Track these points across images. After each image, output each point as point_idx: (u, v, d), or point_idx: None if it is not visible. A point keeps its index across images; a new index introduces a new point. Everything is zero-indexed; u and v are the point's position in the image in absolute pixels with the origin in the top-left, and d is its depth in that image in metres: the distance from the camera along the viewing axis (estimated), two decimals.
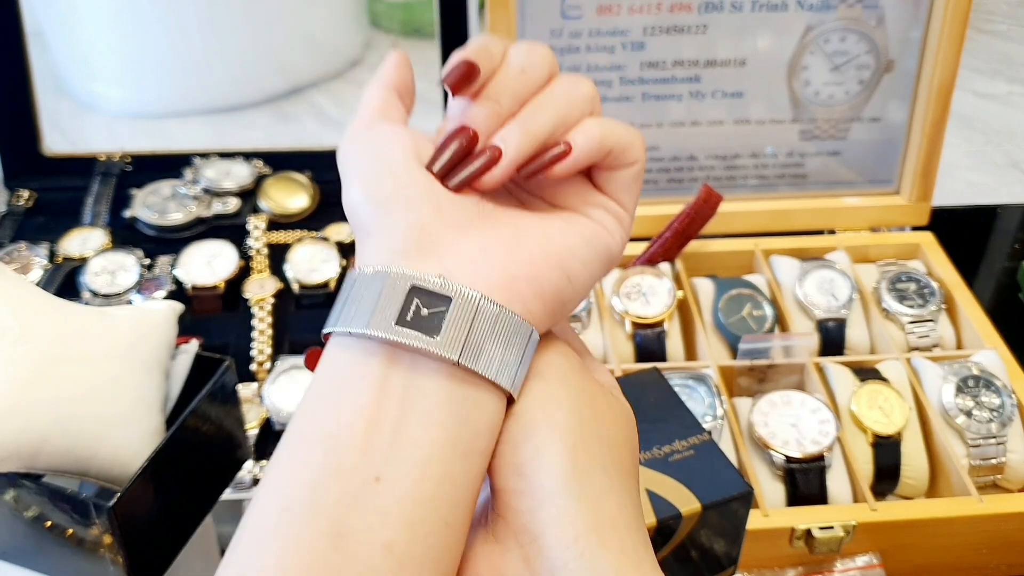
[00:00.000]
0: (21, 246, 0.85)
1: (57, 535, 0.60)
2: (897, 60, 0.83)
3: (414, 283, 0.33)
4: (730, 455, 0.66)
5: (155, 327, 0.65)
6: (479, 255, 0.34)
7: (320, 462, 0.31)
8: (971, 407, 0.70)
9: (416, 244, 0.34)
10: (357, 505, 0.30)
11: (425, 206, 0.34)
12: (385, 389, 0.32)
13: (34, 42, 0.93)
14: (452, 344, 0.32)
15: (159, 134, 1.56)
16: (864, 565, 0.64)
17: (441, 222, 0.34)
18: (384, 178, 0.35)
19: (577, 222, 0.37)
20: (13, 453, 0.57)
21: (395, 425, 0.32)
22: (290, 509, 0.31)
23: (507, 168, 0.35)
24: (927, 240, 0.85)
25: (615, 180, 0.38)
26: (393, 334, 0.32)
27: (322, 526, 0.30)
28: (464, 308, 0.33)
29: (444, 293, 0.33)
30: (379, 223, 0.34)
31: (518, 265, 0.34)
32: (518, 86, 0.36)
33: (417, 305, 0.32)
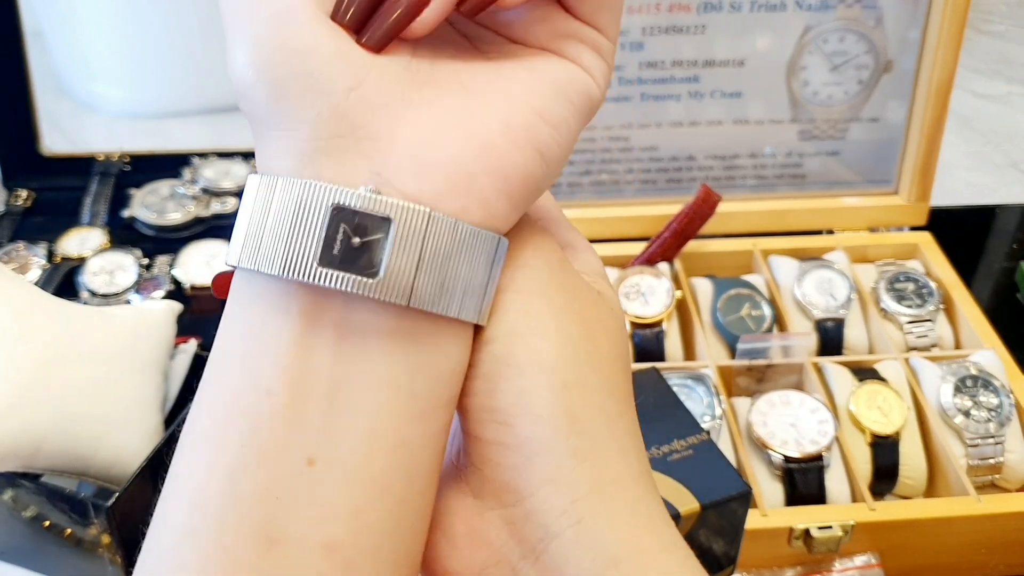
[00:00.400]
0: (19, 246, 0.85)
1: (55, 535, 0.60)
2: (896, 60, 0.83)
3: (338, 202, 0.24)
4: (729, 455, 0.66)
5: (154, 327, 0.65)
6: (421, 145, 0.25)
7: (237, 443, 0.24)
8: (969, 407, 0.70)
9: (334, 139, 0.25)
10: (288, 497, 0.24)
11: (339, 80, 0.25)
12: (313, 342, 0.25)
13: (33, 42, 0.93)
14: (397, 284, 0.24)
15: (158, 134, 1.56)
16: (862, 565, 0.64)
17: (363, 101, 0.25)
18: (280, 43, 0.25)
19: (546, 65, 0.27)
20: (12, 453, 0.57)
21: (330, 389, 0.25)
22: (205, 507, 0.24)
23: (441, 5, 0.26)
24: (925, 240, 0.85)
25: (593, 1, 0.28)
26: (317, 277, 0.24)
27: (246, 527, 0.24)
28: (409, 231, 0.24)
29: (380, 213, 0.24)
30: (280, 109, 0.25)
31: (475, 153, 0.25)
32: None
33: (345, 232, 0.24)
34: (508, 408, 0.27)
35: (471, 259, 0.26)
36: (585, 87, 0.28)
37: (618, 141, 0.85)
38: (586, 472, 0.26)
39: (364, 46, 0.26)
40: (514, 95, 0.27)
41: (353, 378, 0.25)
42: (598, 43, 0.28)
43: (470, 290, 0.26)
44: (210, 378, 0.26)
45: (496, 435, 0.27)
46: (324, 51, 0.25)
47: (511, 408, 0.27)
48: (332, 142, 0.25)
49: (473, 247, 0.26)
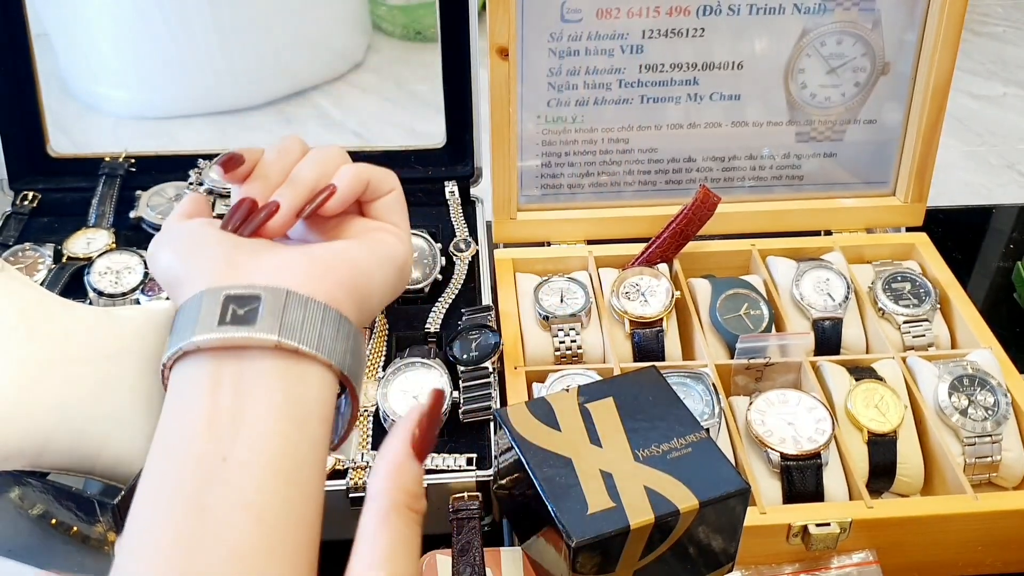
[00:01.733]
0: (26, 247, 0.85)
1: (62, 533, 0.60)
2: (893, 62, 0.83)
3: (227, 292, 0.40)
4: (727, 453, 0.67)
5: (160, 327, 0.65)
6: (278, 265, 0.42)
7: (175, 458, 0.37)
8: (966, 406, 0.70)
9: (222, 269, 0.41)
10: (212, 482, 0.36)
11: (223, 244, 0.43)
12: (218, 383, 0.39)
13: (40, 44, 0.93)
14: (269, 329, 0.39)
15: (164, 135, 1.57)
16: (860, 562, 0.65)
17: (240, 252, 0.42)
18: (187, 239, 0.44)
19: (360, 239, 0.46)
20: (18, 451, 0.57)
21: (232, 410, 0.38)
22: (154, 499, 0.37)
23: (286, 214, 0.45)
24: (922, 240, 0.86)
25: (381, 207, 0.48)
26: (217, 332, 0.39)
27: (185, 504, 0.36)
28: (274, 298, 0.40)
29: (253, 293, 0.40)
30: (188, 269, 0.42)
31: (314, 266, 0.42)
32: (279, 163, 0.47)
33: (233, 309, 0.39)
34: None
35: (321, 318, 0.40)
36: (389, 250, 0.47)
37: (618, 143, 0.85)
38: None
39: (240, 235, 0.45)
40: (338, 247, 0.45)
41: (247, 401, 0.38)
42: (393, 231, 0.48)
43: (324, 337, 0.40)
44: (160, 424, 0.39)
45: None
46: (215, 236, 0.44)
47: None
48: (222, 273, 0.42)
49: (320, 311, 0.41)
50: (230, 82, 1.67)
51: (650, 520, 0.47)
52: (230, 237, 0.44)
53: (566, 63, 0.81)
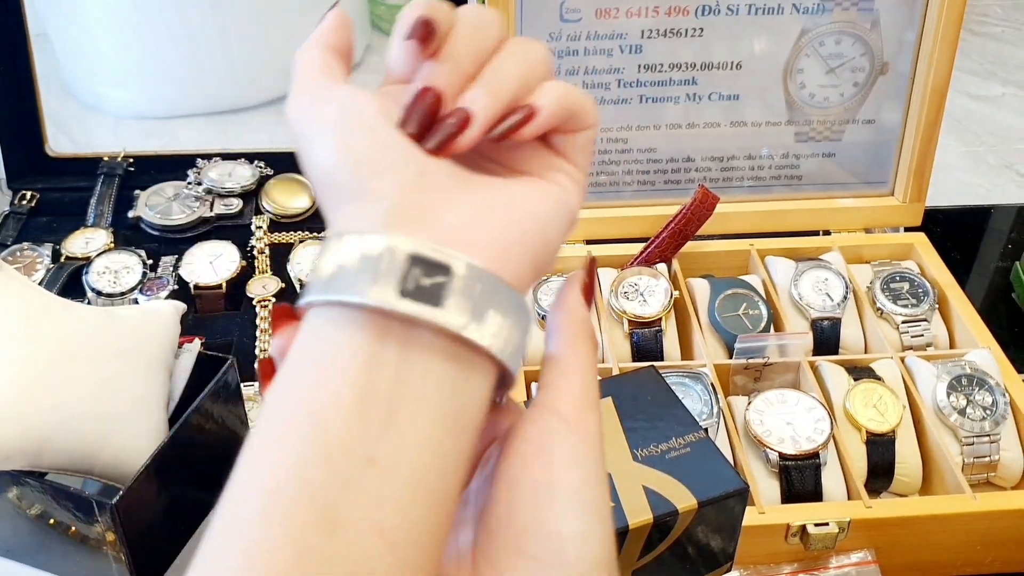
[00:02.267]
0: (25, 246, 0.85)
1: (61, 533, 0.60)
2: (891, 62, 0.83)
3: (413, 251, 0.31)
4: (726, 453, 0.67)
5: (158, 327, 0.65)
6: (469, 222, 0.32)
7: (307, 441, 0.29)
8: (964, 405, 0.70)
9: (405, 211, 0.32)
10: (349, 489, 0.28)
11: (409, 169, 0.32)
12: (378, 362, 0.30)
13: (39, 44, 0.93)
14: (458, 313, 0.30)
15: (163, 135, 1.57)
16: (858, 561, 0.65)
17: (426, 188, 0.32)
18: (362, 137, 0.33)
19: (543, 186, 0.36)
20: (18, 451, 0.57)
21: (389, 402, 0.30)
22: (276, 493, 0.28)
23: (479, 129, 0.34)
24: (920, 240, 0.85)
25: (572, 143, 0.37)
26: (396, 305, 0.30)
27: (312, 513, 0.28)
28: (467, 277, 0.31)
29: (444, 261, 0.31)
30: (360, 187, 0.32)
31: (508, 231, 0.33)
32: (474, 46, 0.35)
33: (417, 276, 0.30)
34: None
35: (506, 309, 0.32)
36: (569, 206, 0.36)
37: (617, 143, 0.85)
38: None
39: (427, 150, 0.33)
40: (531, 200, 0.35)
41: (408, 394, 0.30)
42: (576, 176, 0.37)
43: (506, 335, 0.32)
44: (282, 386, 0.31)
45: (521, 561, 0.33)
46: (398, 148, 0.33)
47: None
48: (404, 212, 0.32)
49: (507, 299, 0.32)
50: (230, 82, 1.67)
51: (649, 520, 0.47)
52: (412, 152, 0.33)
53: (565, 63, 0.81)
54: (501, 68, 0.35)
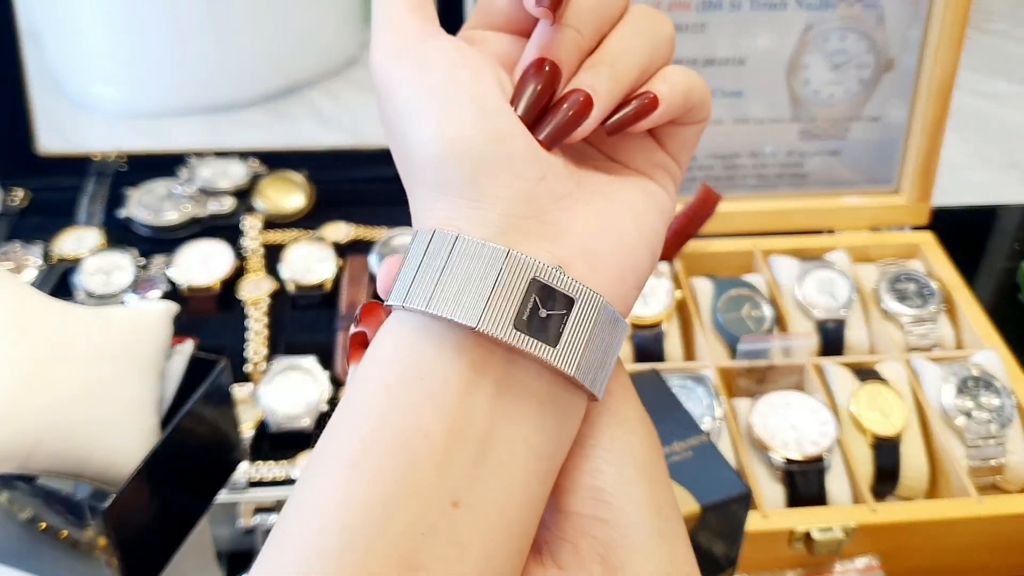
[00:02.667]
0: (16, 246, 0.85)
1: (51, 537, 0.60)
2: (897, 59, 0.83)
3: (536, 275, 0.27)
4: (729, 456, 0.66)
5: (150, 328, 0.64)
6: (590, 239, 0.29)
7: (394, 475, 0.26)
8: (971, 408, 0.69)
9: (523, 219, 0.28)
10: (433, 534, 0.26)
11: (530, 169, 0.28)
12: (474, 394, 0.27)
13: (29, 41, 0.92)
14: (570, 356, 0.27)
15: (155, 133, 1.56)
16: (863, 567, 0.64)
17: (547, 192, 0.28)
18: (477, 124, 0.28)
19: (648, 187, 0.32)
20: (7, 454, 0.57)
21: (482, 439, 0.27)
22: (355, 532, 0.26)
23: (600, 116, 0.30)
24: (927, 240, 0.85)
25: (681, 137, 0.32)
26: (511, 337, 0.26)
27: (392, 557, 0.25)
28: (586, 313, 0.27)
29: (567, 292, 0.27)
30: (472, 184, 0.28)
31: (624, 252, 0.29)
32: (600, 12, 0.30)
33: (535, 304, 0.27)
34: (611, 489, 0.29)
35: (613, 343, 0.29)
36: (667, 209, 0.32)
37: None
38: (667, 551, 0.30)
39: (542, 142, 0.29)
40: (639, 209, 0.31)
41: (502, 433, 0.27)
42: (676, 173, 0.33)
43: (605, 370, 0.29)
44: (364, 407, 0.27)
45: (597, 511, 0.29)
46: (521, 140, 0.28)
47: (614, 490, 0.29)
48: (521, 222, 0.28)
49: (617, 331, 0.29)
50: (223, 79, 1.67)
51: None
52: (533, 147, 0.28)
53: None
54: (627, 45, 0.30)
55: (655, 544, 0.29)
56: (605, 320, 0.28)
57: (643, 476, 0.30)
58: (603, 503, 0.29)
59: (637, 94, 0.30)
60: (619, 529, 0.29)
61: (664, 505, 0.30)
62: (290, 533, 0.26)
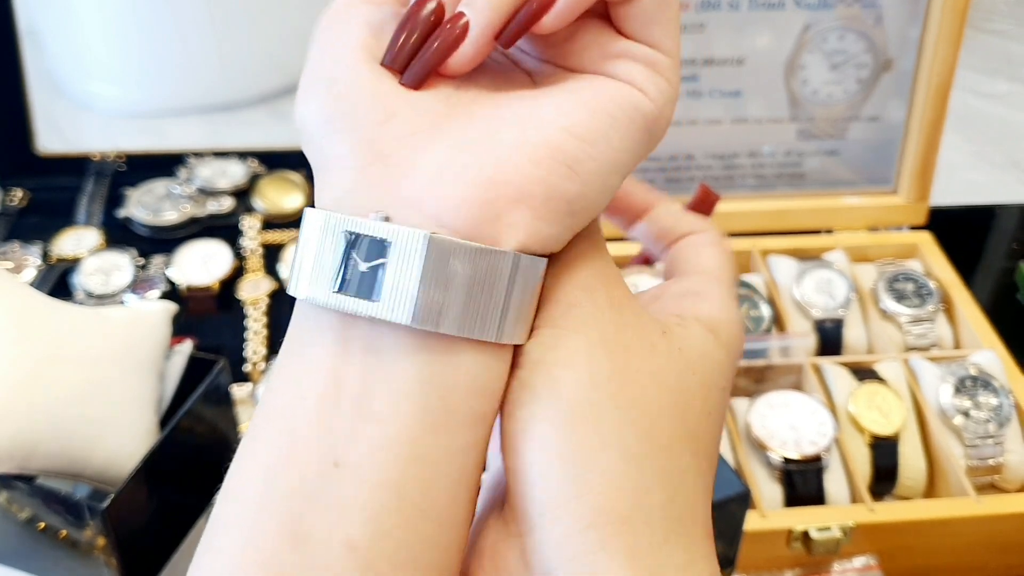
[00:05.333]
0: (14, 246, 0.85)
1: (50, 537, 0.60)
2: (895, 59, 0.83)
3: (349, 228, 0.26)
4: (727, 456, 0.66)
5: (149, 328, 0.64)
6: (439, 167, 0.26)
7: (274, 444, 0.26)
8: (969, 407, 0.69)
9: (366, 169, 0.26)
10: (315, 497, 0.25)
11: (371, 114, 0.27)
12: (343, 356, 0.26)
13: (29, 41, 0.92)
14: (398, 305, 0.25)
15: (154, 133, 1.56)
16: (862, 567, 0.64)
17: (393, 134, 0.27)
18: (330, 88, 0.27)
19: (587, 86, 0.28)
20: (7, 455, 0.57)
21: (355, 399, 0.26)
22: (243, 501, 0.26)
23: (477, 42, 0.27)
24: (925, 240, 0.85)
25: (634, 12, 0.28)
26: (332, 301, 0.26)
27: (277, 523, 0.25)
28: (406, 254, 0.25)
29: (380, 236, 0.26)
30: (327, 146, 0.27)
31: (491, 169, 0.26)
32: None
33: (354, 263, 0.26)
34: (517, 433, 0.27)
35: (480, 278, 0.26)
36: (630, 101, 0.28)
37: None
38: (586, 506, 0.26)
39: (403, 84, 0.28)
40: (542, 116, 0.27)
41: (375, 389, 0.26)
42: (651, 58, 0.28)
43: (482, 309, 0.26)
44: (268, 383, 0.29)
45: (509, 460, 0.27)
46: (361, 90, 0.27)
47: (520, 434, 0.27)
48: (366, 172, 0.27)
49: (480, 265, 0.26)
50: (222, 78, 1.67)
51: None
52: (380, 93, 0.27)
53: None
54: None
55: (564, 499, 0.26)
56: (444, 253, 0.25)
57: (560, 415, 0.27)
58: (511, 450, 0.27)
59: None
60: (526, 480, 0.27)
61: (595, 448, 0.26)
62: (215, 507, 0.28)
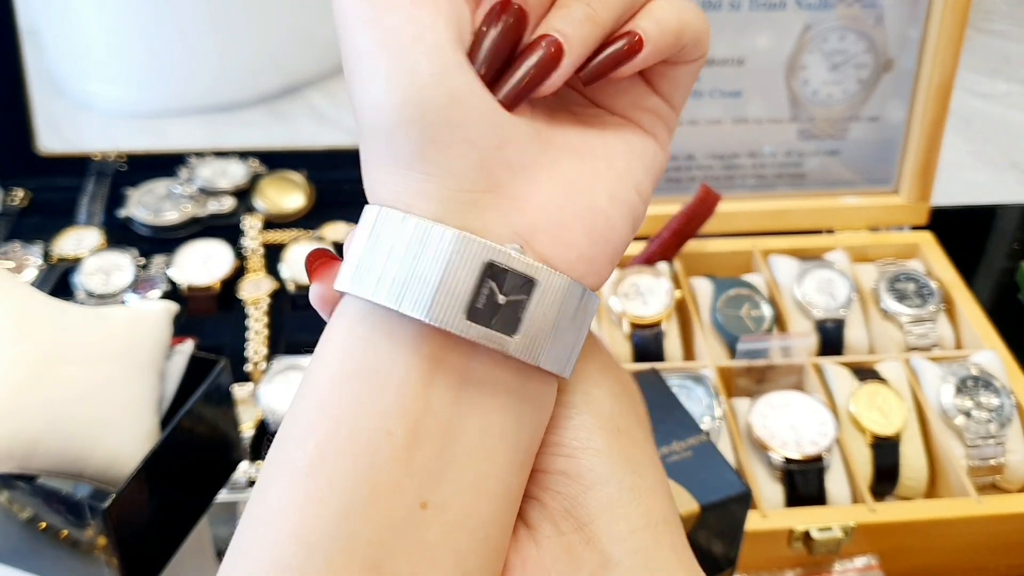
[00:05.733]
0: (15, 246, 0.85)
1: (51, 537, 0.60)
2: (896, 59, 0.83)
3: (491, 258, 0.24)
4: (728, 456, 0.66)
5: (150, 328, 0.64)
6: (554, 210, 0.26)
7: (353, 480, 0.24)
8: (970, 407, 0.69)
9: (478, 193, 0.25)
10: (399, 537, 0.24)
11: (488, 137, 0.25)
12: (436, 387, 0.25)
13: (29, 41, 0.92)
14: (532, 345, 0.25)
15: (155, 133, 1.56)
16: (863, 567, 0.64)
17: (506, 161, 0.25)
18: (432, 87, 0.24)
19: (632, 136, 0.28)
20: (8, 454, 0.57)
21: (446, 434, 0.25)
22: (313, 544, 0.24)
23: (570, 68, 0.26)
24: (926, 240, 0.85)
25: (675, 77, 0.29)
26: (464, 329, 0.24)
27: (358, 566, 0.24)
28: (549, 297, 0.25)
29: (527, 274, 0.25)
30: (427, 154, 0.25)
31: (595, 222, 0.26)
32: None
33: (491, 288, 0.24)
34: (571, 442, 0.28)
35: (580, 323, 0.27)
36: (658, 160, 0.29)
37: None
38: (642, 507, 0.28)
39: (500, 103, 0.26)
40: (617, 166, 0.28)
41: (468, 426, 0.25)
42: (669, 117, 0.30)
43: (574, 351, 0.27)
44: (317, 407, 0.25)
45: (560, 465, 0.28)
46: (476, 105, 0.25)
47: (574, 442, 0.28)
48: (476, 196, 0.25)
49: (585, 311, 0.27)
50: (223, 79, 1.67)
51: None
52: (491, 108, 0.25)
53: None
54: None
55: (626, 500, 0.27)
56: (572, 299, 0.26)
57: (606, 427, 0.28)
58: (562, 457, 0.28)
59: (618, 34, 0.27)
60: (582, 482, 0.27)
61: (638, 459, 0.28)
62: (245, 552, 0.25)
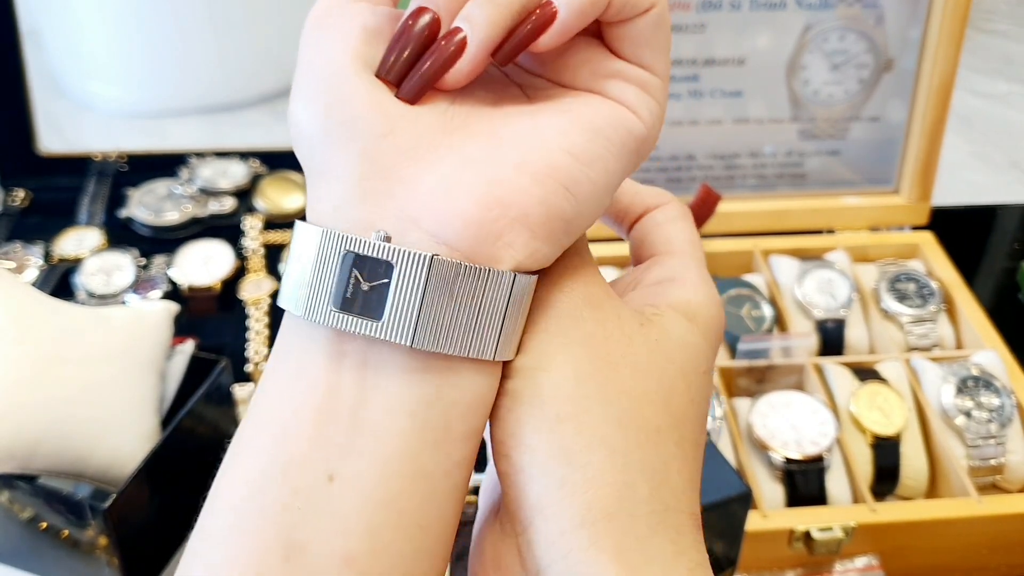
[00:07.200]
0: (16, 246, 0.85)
1: (52, 536, 0.60)
2: (896, 59, 0.83)
3: (350, 249, 0.26)
4: (729, 456, 0.66)
5: (151, 328, 0.64)
6: (439, 186, 0.26)
7: (268, 455, 0.26)
8: (970, 407, 0.69)
9: (365, 182, 0.26)
10: (310, 509, 0.26)
11: (373, 127, 0.27)
12: (338, 371, 0.27)
13: (30, 41, 0.92)
14: (400, 326, 0.26)
15: (156, 133, 1.56)
16: (863, 567, 0.64)
17: (393, 147, 0.27)
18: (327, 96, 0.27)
19: (583, 105, 0.28)
20: (8, 454, 0.57)
21: (352, 412, 0.26)
22: (237, 511, 0.26)
23: (475, 58, 0.27)
24: (927, 240, 0.85)
25: (632, 35, 0.28)
26: (332, 320, 0.26)
27: (271, 536, 0.26)
28: (410, 276, 0.26)
29: (383, 257, 0.26)
30: (324, 156, 0.27)
31: (492, 190, 0.26)
32: None
33: (357, 278, 0.26)
34: (505, 439, 0.28)
35: (478, 300, 0.27)
36: (624, 124, 0.28)
37: None
38: (576, 504, 0.27)
39: (400, 98, 0.28)
40: (543, 135, 0.28)
41: (372, 405, 0.26)
42: (643, 80, 0.29)
43: (481, 329, 0.27)
44: (257, 393, 0.28)
45: (501, 465, 0.28)
46: (360, 101, 0.27)
47: (508, 439, 0.28)
48: (364, 185, 0.27)
49: (480, 286, 0.27)
50: (223, 79, 1.67)
51: None
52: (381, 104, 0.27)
53: None
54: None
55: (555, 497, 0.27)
56: (447, 276, 0.26)
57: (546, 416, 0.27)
58: (501, 456, 0.28)
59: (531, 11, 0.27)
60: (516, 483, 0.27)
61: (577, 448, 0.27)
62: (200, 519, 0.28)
